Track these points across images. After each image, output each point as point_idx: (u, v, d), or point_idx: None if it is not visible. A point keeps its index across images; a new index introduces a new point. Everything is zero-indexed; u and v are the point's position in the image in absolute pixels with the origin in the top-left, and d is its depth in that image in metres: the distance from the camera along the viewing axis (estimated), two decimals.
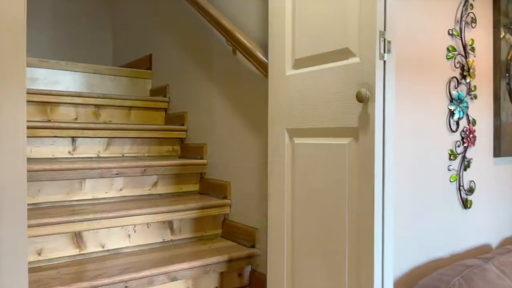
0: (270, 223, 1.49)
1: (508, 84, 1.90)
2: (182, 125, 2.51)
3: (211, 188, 2.19)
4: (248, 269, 1.82)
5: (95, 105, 2.44)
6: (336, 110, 1.22)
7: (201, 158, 2.30)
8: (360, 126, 1.15)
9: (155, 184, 2.13)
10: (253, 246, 1.83)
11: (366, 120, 1.13)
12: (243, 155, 1.97)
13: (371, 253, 1.12)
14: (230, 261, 1.72)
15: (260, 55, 1.71)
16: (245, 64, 1.95)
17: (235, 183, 2.03)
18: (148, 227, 1.82)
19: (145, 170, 2.06)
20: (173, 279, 1.56)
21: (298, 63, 1.39)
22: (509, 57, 1.90)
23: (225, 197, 2.07)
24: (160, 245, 1.85)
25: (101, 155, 2.23)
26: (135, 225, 1.78)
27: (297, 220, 1.38)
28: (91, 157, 2.20)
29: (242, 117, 1.99)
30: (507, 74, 1.89)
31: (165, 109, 2.74)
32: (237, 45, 1.83)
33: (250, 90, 1.94)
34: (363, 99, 1.11)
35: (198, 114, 2.40)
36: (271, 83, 1.49)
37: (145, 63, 3.01)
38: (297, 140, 1.38)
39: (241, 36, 1.81)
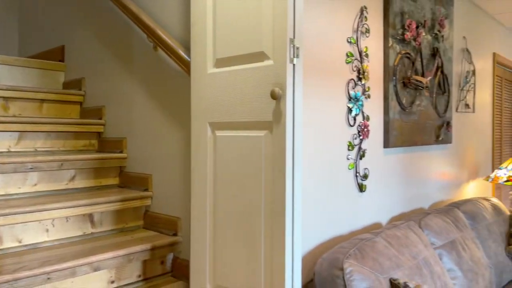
0: (193, 211, 1.60)
1: (395, 86, 2.24)
2: (100, 119, 2.49)
3: (132, 181, 2.22)
4: (170, 256, 1.91)
5: (4, 98, 2.30)
6: (254, 105, 1.38)
7: (121, 152, 2.31)
8: (274, 120, 1.32)
9: (72, 178, 2.10)
10: (175, 234, 1.93)
11: (279, 115, 1.30)
12: (166, 149, 2.05)
13: (283, 233, 1.30)
14: (153, 249, 1.79)
15: (182, 53, 1.80)
16: (167, 61, 2.03)
17: (157, 175, 2.10)
18: (67, 221, 1.81)
19: (62, 164, 2.02)
20: (96, 268, 1.60)
21: (220, 62, 1.52)
22: (396, 63, 2.24)
23: (146, 190, 2.12)
24: (80, 238, 1.85)
25: (12, 149, 2.13)
26: (53, 219, 1.76)
27: (218, 207, 1.51)
28: (1, 152, 2.09)
29: (164, 112, 2.06)
30: (394, 78, 2.23)
31: (81, 103, 2.67)
32: (159, 42, 1.90)
33: (172, 86, 2.01)
34: (277, 97, 1.28)
35: (117, 108, 2.40)
36: (193, 80, 1.60)
37: (57, 55, 2.89)
38: (219, 133, 1.51)
39: (163, 33, 1.89)
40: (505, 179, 3.10)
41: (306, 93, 1.71)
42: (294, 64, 1.31)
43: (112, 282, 1.68)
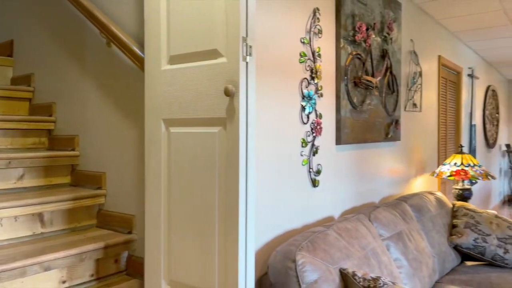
0: (147, 208, 1.59)
1: (346, 85, 2.33)
2: (50, 115, 2.41)
3: (84, 179, 2.17)
4: (125, 254, 1.89)
5: None
6: (208, 102, 1.40)
7: (73, 150, 2.25)
8: (227, 117, 1.35)
9: (21, 177, 2.02)
10: (130, 232, 1.91)
11: (232, 112, 1.33)
12: (120, 146, 2.02)
13: (236, 228, 1.33)
14: (106, 248, 1.77)
15: (136, 49, 1.79)
16: (120, 57, 2.00)
17: (111, 173, 2.06)
18: (15, 220, 1.75)
19: (9, 162, 1.95)
20: (47, 268, 1.56)
21: (174, 59, 1.52)
22: (347, 63, 2.34)
23: (99, 188, 2.08)
24: (31, 238, 1.79)
25: None
26: (1, 219, 1.70)
27: (173, 203, 1.52)
28: None
29: (118, 109, 2.03)
30: (345, 77, 2.32)
31: (30, 99, 2.57)
32: (112, 38, 1.87)
33: (126, 82, 1.99)
34: (230, 94, 1.31)
35: (69, 105, 2.33)
36: (147, 76, 1.60)
37: (5, 50, 2.76)
38: (173, 130, 1.52)
39: (116, 29, 1.86)
40: (448, 174, 3.31)
41: (261, 90, 1.75)
42: (247, 62, 1.34)
43: (64, 282, 1.64)
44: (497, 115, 6.71)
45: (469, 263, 2.72)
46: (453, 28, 4.15)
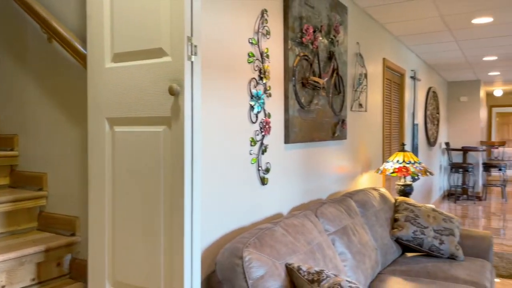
0: (91, 209, 1.56)
1: (294, 86, 2.40)
2: None
3: (24, 180, 2.08)
4: (68, 257, 1.84)
5: None
6: (152, 101, 1.39)
7: (12, 150, 2.14)
8: (172, 116, 1.35)
9: None
10: (73, 235, 1.85)
11: (177, 111, 1.33)
12: (62, 145, 1.95)
13: (182, 228, 1.34)
14: (47, 251, 1.70)
15: (78, 46, 1.74)
16: (62, 54, 1.93)
17: (53, 174, 1.99)
18: None
19: None
20: None
21: (118, 57, 1.50)
22: (295, 64, 2.40)
23: (40, 189, 2.00)
24: None
25: None
26: None
27: (117, 204, 1.49)
28: None
29: (60, 107, 1.96)
30: (293, 78, 2.38)
31: None
32: (54, 34, 1.80)
33: (68, 80, 1.93)
34: (174, 93, 1.31)
35: (7, 103, 2.21)
36: (90, 74, 1.56)
37: None
38: (117, 129, 1.49)
39: (58, 25, 1.80)
40: (391, 171, 3.49)
41: (208, 90, 1.76)
42: (192, 61, 1.35)
43: (3, 286, 1.56)
44: (437, 115, 7.14)
45: (409, 254, 2.89)
46: (396, 32, 4.37)
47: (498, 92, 10.15)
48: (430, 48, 5.17)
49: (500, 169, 7.84)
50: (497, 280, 3.67)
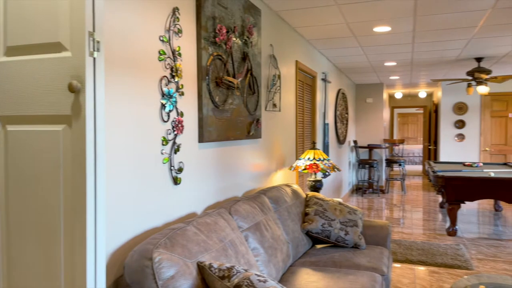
0: None
1: (208, 85, 2.41)
2: None
3: None
4: None
5: None
6: (51, 98, 1.31)
7: None
8: (73, 114, 1.28)
9: None
10: None
11: (78, 109, 1.27)
12: None
13: (84, 231, 1.28)
14: None
15: None
16: None
17: None
18: None
19: None
20: None
21: (11, 51, 1.38)
22: (208, 64, 2.41)
23: None
24: None
25: None
26: None
27: (12, 208, 1.38)
28: None
29: None
30: (207, 77, 2.40)
31: None
32: None
33: None
34: (74, 90, 1.25)
35: None
36: None
37: None
38: (11, 128, 1.38)
39: None
40: (303, 168, 3.67)
41: (116, 87, 1.70)
42: (94, 58, 1.29)
43: None
44: (346, 115, 7.66)
45: (318, 246, 3.07)
46: (308, 36, 4.60)
47: (398, 94, 11.19)
48: (338, 52, 5.52)
49: (400, 165, 8.65)
50: (397, 265, 4.06)
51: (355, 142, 8.59)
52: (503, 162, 6.92)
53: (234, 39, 2.74)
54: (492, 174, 5.34)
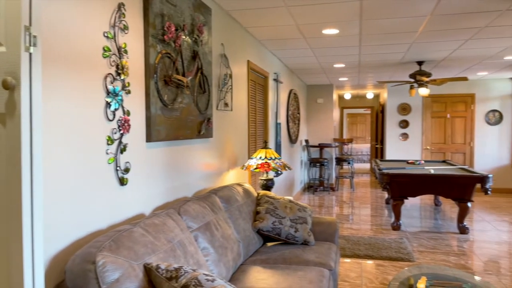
0: None
1: (156, 83, 2.36)
2: None
3: None
4: None
5: None
6: None
7: None
8: (7, 112, 1.21)
9: None
10: None
11: (13, 107, 1.20)
12: None
13: (20, 236, 1.21)
14: None
15: None
16: None
17: None
18: None
19: None
20: None
21: None
22: (157, 62, 2.37)
23: None
24: None
25: None
26: None
27: None
28: None
29: None
30: (155, 75, 2.35)
31: None
32: None
33: None
34: (9, 87, 1.18)
35: None
36: None
37: None
38: None
39: None
40: (254, 166, 3.70)
41: (55, 84, 1.62)
42: (30, 53, 1.23)
43: None
44: (298, 115, 7.82)
45: (269, 244, 3.11)
46: (259, 37, 4.64)
47: (347, 95, 11.58)
48: (289, 53, 5.62)
49: (349, 163, 8.97)
50: (347, 260, 4.20)
51: (306, 141, 8.79)
52: (442, 160, 7.38)
53: (184, 37, 2.71)
54: (432, 171, 5.68)
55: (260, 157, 3.76)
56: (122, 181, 2.07)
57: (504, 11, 3.61)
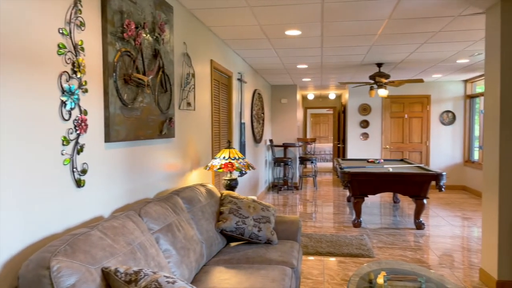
0: None
1: (115, 82, 2.30)
2: None
3: None
4: None
5: None
6: None
7: None
8: None
9: None
10: None
11: None
12: None
13: None
14: None
15: None
16: None
17: None
18: None
19: None
20: None
21: None
22: (116, 60, 2.30)
23: None
24: None
25: None
26: None
27: None
28: None
29: None
30: (114, 74, 2.29)
31: None
32: None
33: None
34: None
35: None
36: None
37: None
38: None
39: None
40: (218, 167, 3.69)
41: (4, 82, 1.54)
42: None
43: None
44: (262, 114, 7.86)
45: (233, 244, 3.11)
46: (222, 36, 4.63)
47: (310, 95, 11.77)
48: (253, 53, 5.64)
49: (312, 162, 9.11)
50: (310, 258, 4.27)
51: (271, 141, 8.85)
52: (400, 159, 7.65)
53: (144, 35, 2.66)
54: (391, 170, 5.88)
55: (224, 157, 3.75)
56: (79, 183, 2.00)
57: (456, 16, 3.79)
